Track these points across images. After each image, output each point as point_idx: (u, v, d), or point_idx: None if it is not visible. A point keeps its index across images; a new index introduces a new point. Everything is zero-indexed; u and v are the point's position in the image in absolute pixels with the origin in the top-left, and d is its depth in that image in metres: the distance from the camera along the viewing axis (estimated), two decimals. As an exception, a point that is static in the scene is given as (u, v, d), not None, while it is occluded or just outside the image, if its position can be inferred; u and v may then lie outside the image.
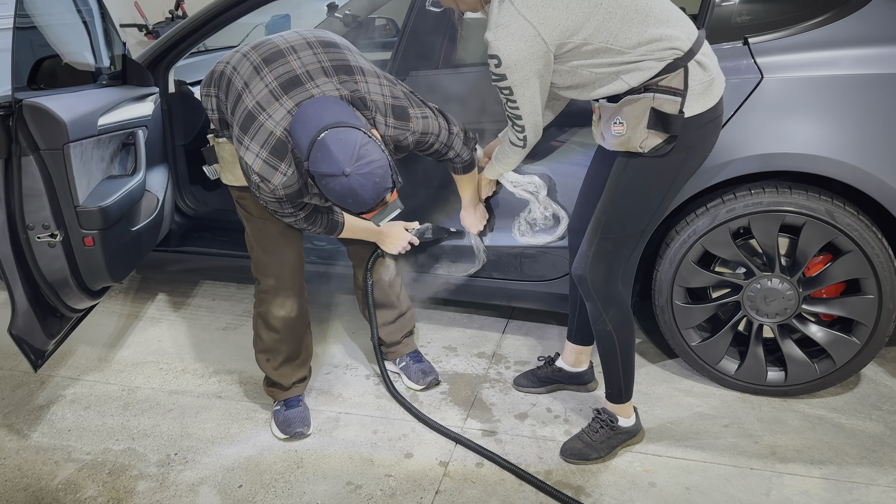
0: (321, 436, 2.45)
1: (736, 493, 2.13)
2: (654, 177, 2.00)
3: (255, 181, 1.96)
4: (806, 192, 2.32)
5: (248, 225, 2.33)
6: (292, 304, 2.39)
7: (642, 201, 2.03)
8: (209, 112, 2.20)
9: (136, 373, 2.86)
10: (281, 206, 2.06)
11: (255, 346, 2.48)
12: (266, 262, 2.33)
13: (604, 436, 2.28)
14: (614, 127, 1.98)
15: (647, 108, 1.92)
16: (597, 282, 2.12)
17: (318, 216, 2.20)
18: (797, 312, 2.43)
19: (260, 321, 2.42)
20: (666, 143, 1.93)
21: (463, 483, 2.21)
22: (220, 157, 2.28)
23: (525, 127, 2.03)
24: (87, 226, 2.21)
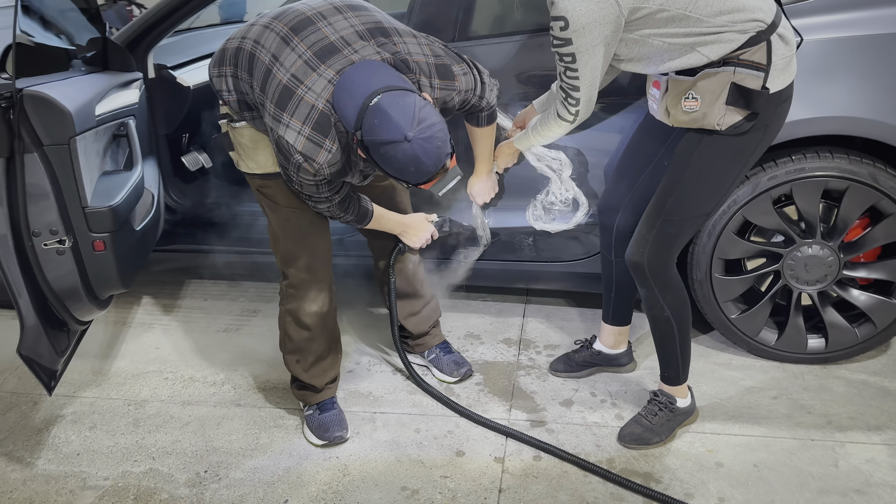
0: (360, 439, 2.30)
1: (804, 467, 2.09)
2: (730, 156, 1.90)
3: (297, 161, 1.79)
4: (848, 157, 2.28)
5: (273, 216, 2.14)
6: (325, 297, 2.23)
7: (714, 182, 1.93)
8: (223, 94, 1.99)
9: (140, 385, 2.63)
10: (318, 190, 1.91)
11: (284, 348, 2.30)
12: (296, 253, 2.15)
13: (663, 418, 2.20)
14: (685, 102, 1.87)
15: (726, 84, 1.81)
16: (655, 268, 2.03)
17: (351, 203, 2.05)
18: (838, 278, 2.40)
19: (289, 319, 2.24)
20: (746, 120, 1.84)
21: (525, 479, 2.10)
22: (238, 144, 2.08)
23: (580, 100, 1.90)
24: (97, 228, 1.98)
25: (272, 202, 2.11)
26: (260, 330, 2.97)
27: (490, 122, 2.19)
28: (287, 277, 2.20)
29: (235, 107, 1.99)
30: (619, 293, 2.43)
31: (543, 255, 2.65)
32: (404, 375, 2.60)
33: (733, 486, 2.04)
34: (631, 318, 2.50)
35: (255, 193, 2.17)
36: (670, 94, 1.90)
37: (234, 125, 2.05)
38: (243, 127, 2.03)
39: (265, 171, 2.07)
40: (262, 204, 2.16)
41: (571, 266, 2.67)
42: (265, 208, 2.16)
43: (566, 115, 1.97)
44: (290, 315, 2.23)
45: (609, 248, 2.37)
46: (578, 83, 1.84)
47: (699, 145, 1.90)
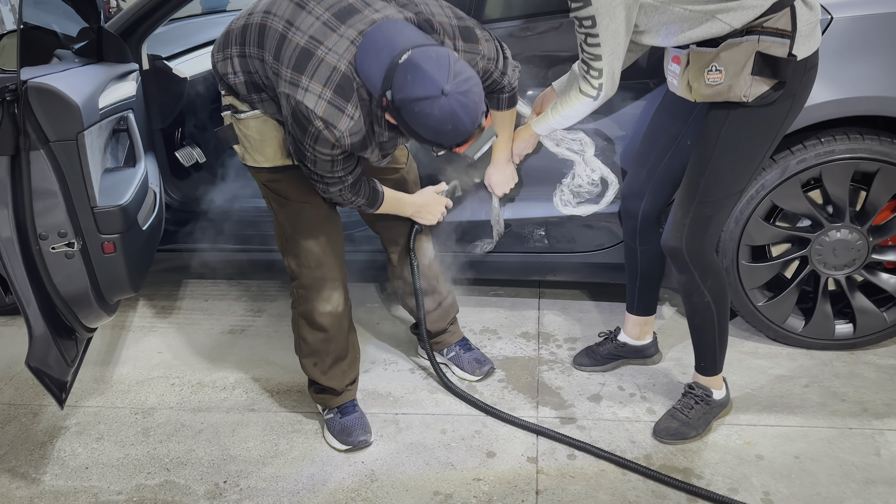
0: (384, 442, 2.21)
1: (846, 457, 2.04)
2: (760, 128, 1.84)
3: (316, 129, 1.68)
4: (878, 138, 2.22)
5: (282, 212, 2.04)
6: (339, 297, 2.13)
7: (746, 157, 1.87)
8: (228, 77, 1.87)
9: (145, 392, 2.51)
10: (332, 168, 1.80)
11: (300, 352, 2.20)
12: (309, 251, 2.05)
13: (700, 411, 2.14)
14: (709, 75, 1.80)
15: (751, 53, 1.75)
16: (694, 252, 1.96)
17: (362, 185, 1.95)
18: (867, 262, 2.35)
19: (302, 322, 2.14)
20: (773, 90, 1.78)
21: (561, 479, 2.03)
22: (244, 137, 1.96)
23: (602, 72, 1.83)
24: (106, 229, 1.86)
25: (282, 197, 2.01)
26: (267, 330, 2.86)
27: (511, 105, 2.10)
28: (298, 278, 2.09)
29: (242, 89, 1.87)
30: (645, 282, 2.36)
31: (561, 246, 2.57)
32: (423, 374, 2.51)
33: (777, 479, 1.98)
34: (656, 307, 2.43)
35: (261, 190, 2.06)
36: (692, 68, 1.84)
37: (238, 116, 1.93)
38: (249, 118, 1.92)
39: (274, 164, 1.96)
40: (270, 200, 2.05)
41: (591, 256, 2.59)
42: (273, 205, 2.05)
43: (589, 90, 1.89)
44: (303, 318, 2.13)
45: (633, 235, 2.29)
46: (600, 51, 1.76)
47: (726, 120, 1.84)
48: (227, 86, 1.91)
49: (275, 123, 1.92)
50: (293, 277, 2.12)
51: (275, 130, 1.92)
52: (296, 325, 2.17)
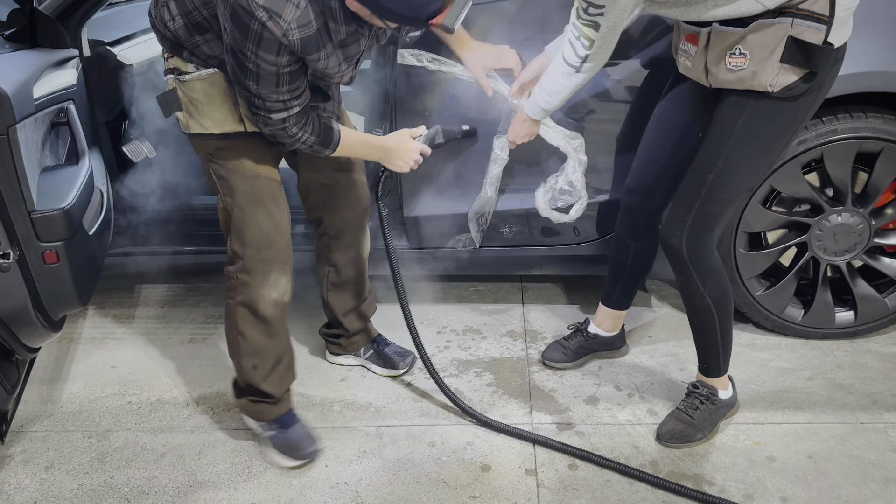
0: (368, 459, 2.02)
1: (861, 454, 1.93)
2: (781, 122, 1.68)
3: (260, 21, 1.49)
4: (882, 116, 2.11)
5: (228, 185, 1.83)
6: (286, 282, 1.94)
7: (762, 153, 1.71)
8: (168, 24, 1.70)
9: (99, 412, 2.28)
10: (277, 85, 1.61)
11: (237, 351, 1.97)
12: (258, 228, 1.84)
13: (705, 412, 2.01)
14: (731, 58, 1.64)
15: (782, 37, 1.58)
16: (694, 252, 1.81)
17: (311, 118, 1.75)
18: (868, 247, 2.24)
19: (244, 313, 1.92)
20: (802, 81, 1.61)
21: (564, 492, 1.87)
22: (189, 102, 1.77)
23: (595, 44, 1.65)
24: (47, 237, 1.63)
25: (233, 167, 1.81)
26: (230, 338, 2.63)
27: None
28: (241, 259, 1.88)
29: (184, 34, 1.69)
30: (631, 278, 2.22)
31: (544, 240, 2.41)
32: (404, 381, 2.33)
33: (792, 482, 1.86)
34: (631, 303, 2.29)
35: (205, 163, 1.85)
36: (713, 49, 1.67)
37: (183, 78, 1.75)
38: (195, 79, 1.74)
39: (224, 129, 1.78)
40: (215, 173, 1.84)
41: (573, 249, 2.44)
42: (217, 178, 1.84)
43: (572, 59, 1.73)
44: (244, 307, 1.91)
45: (630, 231, 2.14)
46: (601, 20, 1.60)
47: (745, 110, 1.67)
48: (169, 41, 1.74)
49: (223, 85, 1.74)
50: (232, 262, 1.91)
51: (223, 93, 1.75)
52: (233, 320, 1.95)
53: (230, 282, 1.93)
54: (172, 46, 1.75)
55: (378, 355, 2.34)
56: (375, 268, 2.46)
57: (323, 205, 2.11)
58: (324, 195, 2.09)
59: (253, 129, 1.78)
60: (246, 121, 1.78)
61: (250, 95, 1.65)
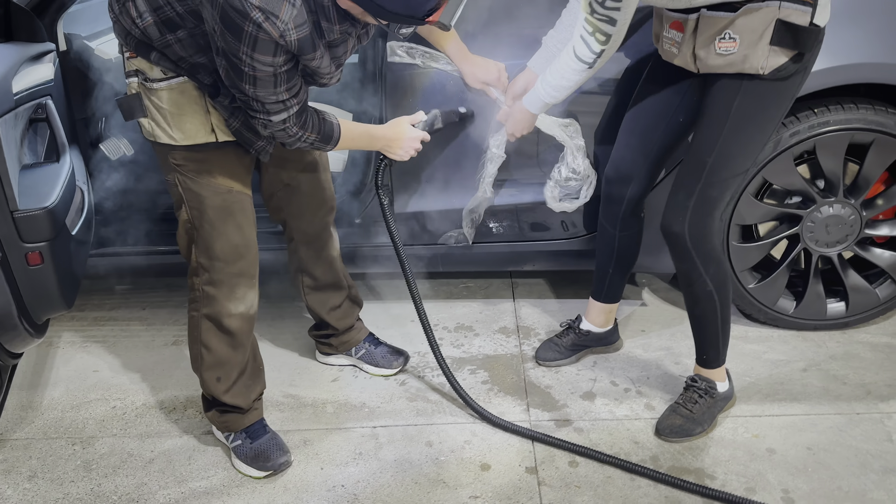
0: (364, 461, 1.98)
1: (858, 445, 1.94)
2: (773, 103, 1.70)
3: (255, 22, 1.43)
4: (873, 107, 2.12)
5: (196, 197, 1.76)
6: (253, 296, 1.90)
7: (757, 133, 1.73)
8: (136, 22, 1.62)
9: (83, 418, 2.20)
10: (275, 87, 1.56)
11: (200, 364, 1.91)
12: (227, 241, 1.79)
13: (704, 406, 2.00)
14: (720, 43, 1.64)
15: (770, 21, 1.60)
16: (697, 237, 1.81)
17: (309, 115, 1.70)
18: (859, 238, 2.25)
19: (208, 326, 1.87)
20: (792, 61, 1.64)
21: (566, 490, 1.85)
22: (156, 110, 1.69)
23: (611, 37, 1.65)
24: (31, 237, 1.56)
25: (203, 180, 1.74)
26: (216, 339, 2.57)
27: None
28: (208, 272, 1.82)
29: (154, 32, 1.62)
30: (618, 269, 2.21)
31: (536, 235, 2.39)
32: (399, 380, 2.29)
33: (793, 474, 1.86)
34: (621, 295, 2.28)
35: (169, 173, 1.77)
36: (701, 35, 1.67)
37: (150, 86, 1.67)
38: (163, 89, 1.67)
39: (195, 140, 1.71)
40: (182, 184, 1.76)
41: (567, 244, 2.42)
42: (186, 189, 1.76)
43: (586, 56, 1.70)
44: (209, 320, 1.86)
45: (615, 221, 2.12)
46: (618, 14, 1.59)
47: (738, 93, 1.69)
48: (135, 40, 1.66)
49: (195, 94, 1.68)
50: (197, 274, 1.84)
51: (193, 102, 1.68)
52: (196, 332, 1.89)
53: (194, 293, 1.87)
54: (138, 46, 1.66)
55: (370, 355, 2.29)
56: (363, 266, 2.43)
57: (286, 207, 2.05)
58: (287, 197, 2.03)
59: (225, 138, 1.72)
60: (217, 131, 1.71)
61: (248, 99, 1.59)
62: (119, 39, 1.71)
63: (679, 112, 1.92)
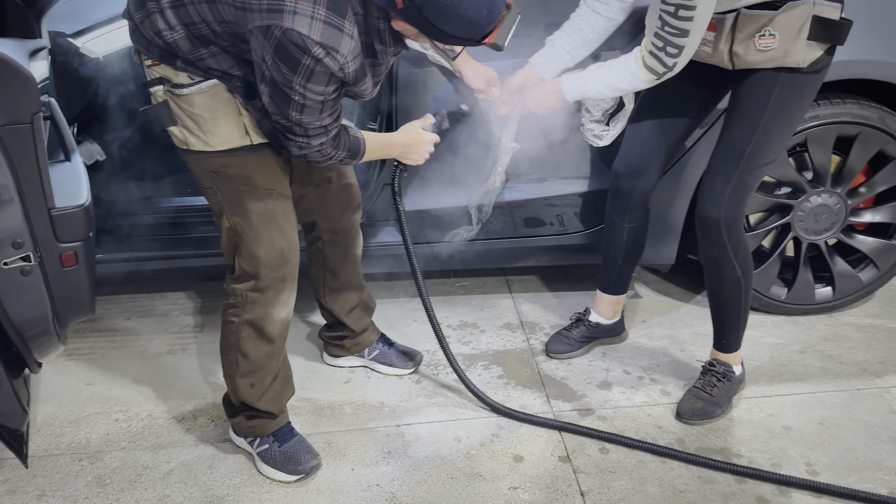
0: (395, 459, 1.96)
1: (865, 418, 2.05)
2: (808, 94, 1.81)
3: (315, 57, 1.42)
4: (858, 102, 2.25)
5: (238, 204, 1.71)
6: (293, 301, 1.87)
7: (790, 123, 1.84)
8: (164, 35, 1.56)
9: (84, 432, 2.09)
10: (320, 114, 1.54)
11: (234, 371, 1.85)
12: (273, 245, 1.75)
13: (723, 389, 2.07)
14: (760, 40, 1.72)
15: (807, 17, 1.69)
16: (731, 223, 1.89)
17: (342, 133, 1.69)
18: (845, 225, 2.39)
19: (249, 332, 1.81)
20: (826, 54, 1.75)
21: (602, 476, 1.88)
22: (189, 117, 1.64)
23: (684, 50, 1.68)
24: (66, 236, 1.48)
25: (242, 185, 1.70)
26: (214, 347, 2.48)
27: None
28: (255, 279, 1.78)
29: (185, 46, 1.56)
30: (626, 261, 2.27)
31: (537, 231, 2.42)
32: (415, 378, 2.28)
33: (812, 448, 1.95)
34: (628, 286, 2.34)
35: (206, 180, 1.72)
36: (741, 33, 1.75)
37: (179, 92, 1.61)
38: (195, 94, 1.61)
39: (231, 145, 1.67)
40: (221, 191, 1.71)
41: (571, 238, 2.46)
42: (224, 196, 1.71)
43: (657, 67, 1.73)
44: (251, 327, 1.81)
45: (623, 213, 2.18)
46: (691, 25, 1.62)
47: (777, 86, 1.77)
48: (160, 49, 1.59)
49: (226, 96, 1.63)
50: (242, 280, 1.79)
51: (226, 105, 1.64)
52: (234, 338, 1.83)
53: (235, 299, 1.81)
54: (162, 54, 1.61)
55: (385, 355, 2.27)
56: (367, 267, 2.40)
57: (316, 208, 2.03)
58: (317, 198, 2.01)
59: (259, 140, 1.69)
60: (252, 133, 1.68)
61: (291, 125, 1.56)
62: (138, 47, 1.65)
63: (694, 107, 1.99)
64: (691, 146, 2.27)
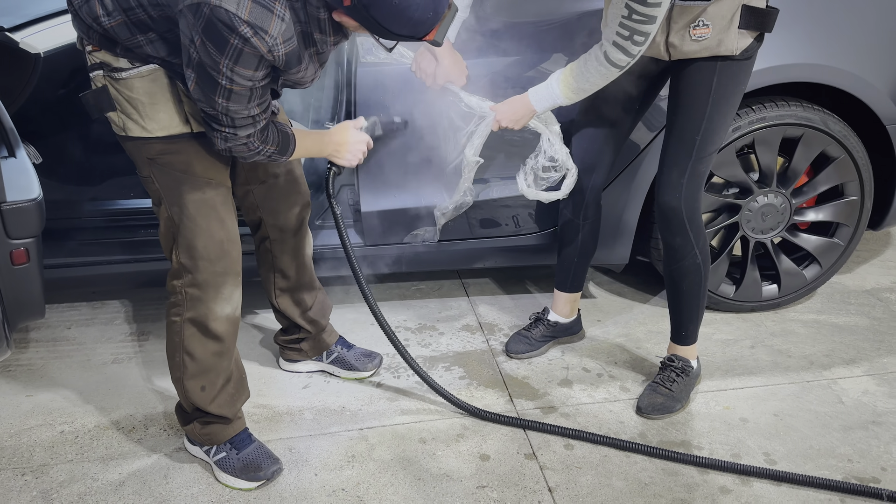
0: (360, 462, 1.92)
1: (816, 408, 2.12)
2: (743, 80, 1.89)
3: (242, 37, 1.39)
4: (801, 104, 2.34)
5: (175, 192, 1.67)
6: (239, 296, 1.81)
7: (732, 108, 1.91)
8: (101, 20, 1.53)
9: (27, 446, 1.98)
10: (249, 101, 1.51)
11: (182, 373, 1.79)
12: (211, 237, 1.70)
13: (682, 384, 2.11)
14: (695, 30, 1.79)
15: (737, 6, 1.78)
16: (691, 211, 1.95)
17: (270, 127, 1.65)
18: (789, 224, 2.47)
19: (192, 331, 1.75)
20: (756, 41, 1.83)
21: (569, 472, 1.89)
22: (126, 101, 1.59)
23: (648, 36, 1.72)
24: (18, 232, 1.40)
25: (179, 172, 1.65)
26: (161, 355, 2.38)
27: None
28: (191, 273, 1.72)
29: (123, 32, 1.53)
30: (582, 258, 2.30)
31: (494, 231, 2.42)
32: (373, 382, 2.24)
33: (769, 438, 2.00)
34: (583, 283, 2.37)
35: (145, 168, 1.67)
36: (676, 24, 1.81)
37: (117, 76, 1.57)
38: (133, 77, 1.57)
39: (170, 132, 1.63)
40: (159, 180, 1.66)
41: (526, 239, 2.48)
42: (162, 185, 1.67)
43: (620, 59, 1.77)
44: (193, 325, 1.75)
45: (578, 211, 2.21)
46: (657, 11, 1.66)
47: (716, 74, 1.84)
48: (99, 35, 1.56)
49: (165, 81, 1.59)
50: (179, 276, 1.73)
51: (166, 90, 1.60)
52: (178, 338, 1.77)
53: (175, 297, 1.75)
54: (101, 40, 1.57)
55: (343, 358, 2.23)
56: (322, 269, 2.36)
57: (263, 205, 1.99)
58: (263, 194, 1.97)
59: (200, 128, 1.64)
60: (192, 120, 1.64)
61: (216, 113, 1.52)
62: (79, 33, 1.61)
63: (636, 100, 2.04)
64: (644, 148, 2.32)
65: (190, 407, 1.84)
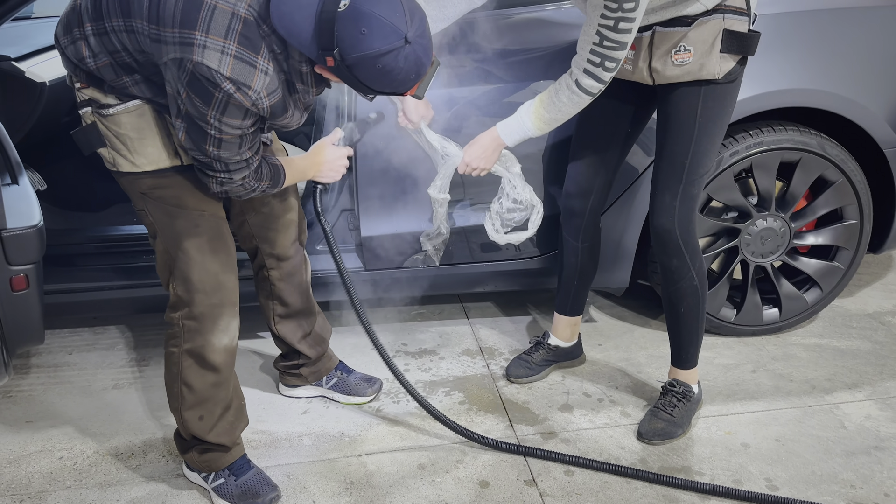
0: (359, 489, 1.91)
1: (818, 433, 2.10)
2: (729, 103, 1.90)
3: (225, 93, 1.41)
4: (798, 129, 2.36)
5: (169, 225, 1.68)
6: (236, 327, 1.82)
7: (719, 132, 1.93)
8: (87, 62, 1.55)
9: (25, 472, 1.98)
10: (240, 148, 1.53)
11: (180, 404, 1.79)
12: (206, 270, 1.71)
13: (683, 409, 2.10)
14: (676, 55, 1.82)
15: (718, 31, 1.80)
16: (686, 233, 1.96)
17: (262, 165, 1.67)
18: (789, 248, 2.47)
19: (190, 362, 1.76)
20: (738, 64, 1.85)
21: (569, 498, 1.87)
22: (115, 137, 1.61)
23: (618, 61, 1.73)
24: (18, 259, 1.41)
25: (173, 206, 1.67)
26: (161, 381, 2.38)
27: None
28: (188, 306, 1.73)
29: (109, 74, 1.55)
30: (582, 281, 2.30)
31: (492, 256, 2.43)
32: (373, 407, 2.24)
33: (770, 464, 1.98)
34: (584, 307, 2.37)
35: (138, 202, 1.69)
36: (658, 50, 1.84)
37: (105, 112, 1.59)
38: (121, 113, 1.59)
39: (159, 166, 1.64)
40: (152, 213, 1.69)
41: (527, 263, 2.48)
42: (155, 218, 1.69)
43: (592, 87, 1.78)
44: (191, 356, 1.76)
45: (577, 234, 2.22)
46: (628, 37, 1.68)
47: (700, 98, 1.86)
48: (87, 74, 1.58)
49: (153, 116, 1.61)
50: (177, 308, 1.74)
51: (154, 125, 1.62)
52: (177, 369, 1.77)
53: (173, 329, 1.76)
54: (89, 78, 1.59)
55: (343, 383, 2.23)
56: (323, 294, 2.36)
57: (258, 234, 2.00)
58: (259, 223, 1.98)
59: (189, 161, 1.65)
60: (182, 153, 1.65)
61: (210, 161, 1.54)
62: (67, 70, 1.63)
63: (628, 123, 2.07)
64: (642, 172, 2.33)
65: (188, 435, 1.84)
